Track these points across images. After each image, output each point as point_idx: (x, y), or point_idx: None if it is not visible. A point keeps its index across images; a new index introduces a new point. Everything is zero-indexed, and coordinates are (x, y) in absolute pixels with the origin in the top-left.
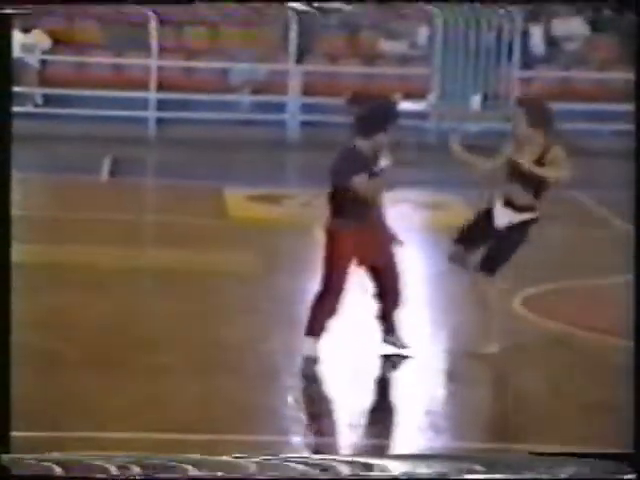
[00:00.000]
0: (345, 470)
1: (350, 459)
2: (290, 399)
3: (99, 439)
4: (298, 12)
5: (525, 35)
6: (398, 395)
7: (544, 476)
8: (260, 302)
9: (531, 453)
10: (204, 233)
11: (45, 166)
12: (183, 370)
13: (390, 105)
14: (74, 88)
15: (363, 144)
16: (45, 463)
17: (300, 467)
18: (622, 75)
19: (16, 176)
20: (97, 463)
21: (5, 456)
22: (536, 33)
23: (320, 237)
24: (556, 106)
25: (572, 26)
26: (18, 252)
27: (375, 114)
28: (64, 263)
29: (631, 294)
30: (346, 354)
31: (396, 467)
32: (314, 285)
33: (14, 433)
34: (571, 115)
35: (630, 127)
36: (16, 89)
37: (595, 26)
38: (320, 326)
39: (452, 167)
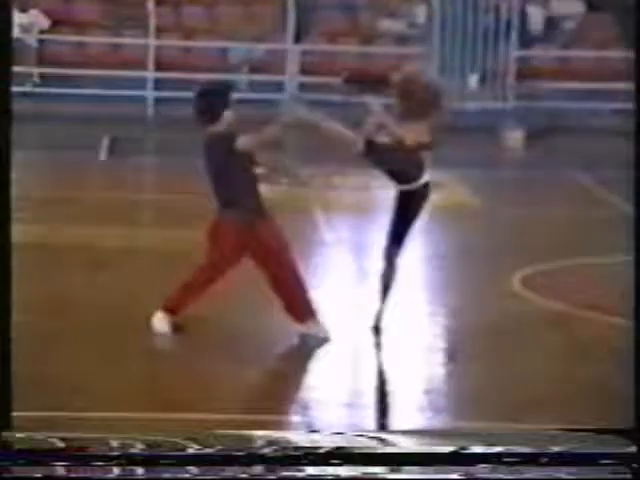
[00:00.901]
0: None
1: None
2: (288, 379)
3: (99, 419)
4: None
5: (523, 14)
6: (396, 374)
7: (544, 450)
8: (256, 281)
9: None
10: (203, 212)
11: (43, 145)
12: (183, 351)
13: (219, 82)
14: (72, 67)
15: (216, 131)
16: (49, 439)
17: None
18: (620, 53)
19: (14, 155)
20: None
21: (6, 433)
22: (534, 12)
23: (319, 216)
24: (554, 85)
25: (569, 5)
26: (15, 232)
27: (210, 98)
28: (62, 243)
29: (631, 273)
30: (341, 335)
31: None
32: (313, 264)
33: (15, 413)
34: (569, 94)
35: (629, 105)
36: (14, 68)
37: (592, 4)
38: (183, 305)
39: (450, 147)
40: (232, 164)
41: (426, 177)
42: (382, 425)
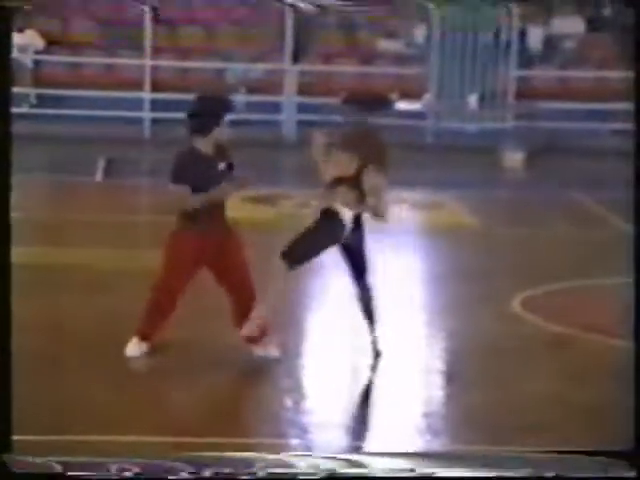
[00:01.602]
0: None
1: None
2: (286, 401)
3: (99, 442)
4: (295, 11)
5: (522, 34)
6: (393, 396)
7: (545, 474)
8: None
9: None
10: None
11: (39, 167)
12: (183, 371)
13: (220, 97)
14: (68, 88)
15: (201, 143)
16: (47, 462)
17: (300, 464)
18: (619, 74)
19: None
20: (98, 463)
21: (6, 456)
22: (533, 32)
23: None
24: (553, 105)
25: (569, 25)
26: (13, 254)
27: (206, 108)
28: (59, 265)
29: (631, 295)
30: (339, 354)
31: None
32: (310, 285)
33: (15, 437)
34: (568, 114)
35: (628, 126)
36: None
37: (592, 25)
38: (152, 327)
39: (449, 167)
40: (198, 181)
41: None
42: (378, 448)
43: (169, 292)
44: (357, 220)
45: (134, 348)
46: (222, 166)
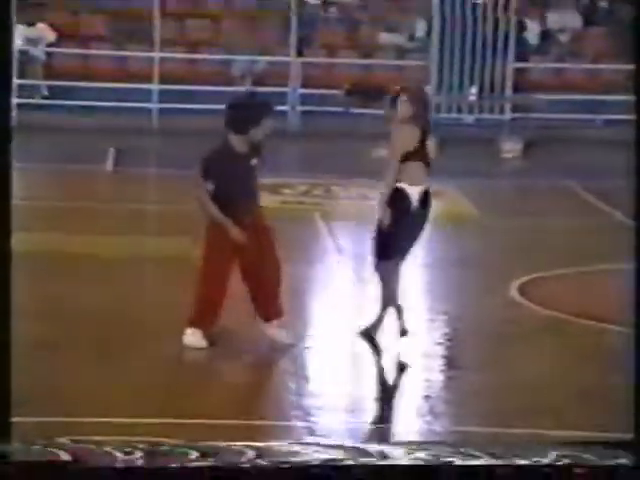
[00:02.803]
0: (343, 456)
1: (350, 445)
2: (290, 385)
3: (101, 424)
4: (299, 4)
5: (520, 27)
6: (396, 381)
7: (543, 460)
8: None
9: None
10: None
11: (51, 157)
12: (185, 358)
13: (261, 103)
14: (79, 80)
15: (237, 140)
16: (50, 449)
17: (298, 451)
18: (615, 66)
19: (23, 166)
20: (103, 449)
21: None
22: (530, 25)
23: (319, 225)
24: (550, 97)
25: (566, 18)
26: (23, 241)
27: (249, 109)
28: (69, 252)
29: (632, 282)
30: (340, 341)
31: (396, 454)
32: (316, 273)
33: (14, 419)
34: (564, 106)
35: (622, 116)
36: (22, 81)
37: (588, 18)
38: (204, 316)
39: (448, 157)
40: (233, 174)
41: None
42: (382, 431)
43: (215, 281)
44: (425, 198)
45: (191, 338)
46: (254, 162)
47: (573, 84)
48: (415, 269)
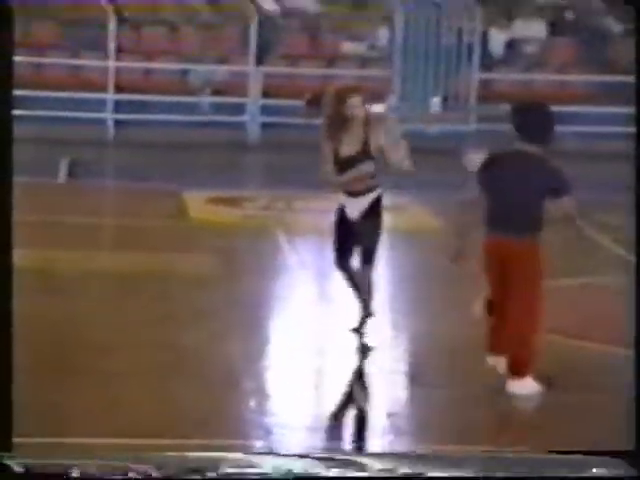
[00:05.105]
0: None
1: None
2: (250, 403)
3: (55, 445)
4: (259, 13)
5: (485, 37)
6: (358, 397)
7: (545, 474)
8: (219, 305)
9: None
10: (163, 236)
11: None
12: (140, 375)
13: (549, 112)
14: (31, 89)
15: (529, 148)
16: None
17: (268, 464)
18: (581, 77)
19: None
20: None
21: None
22: (495, 35)
23: (281, 239)
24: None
25: (532, 29)
26: None
27: (541, 120)
28: (20, 267)
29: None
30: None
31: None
32: (275, 288)
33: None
34: None
35: (589, 129)
36: None
37: (554, 29)
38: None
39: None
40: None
41: None
42: (343, 447)
43: (496, 305)
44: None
45: (525, 388)
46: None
47: (541, 95)
48: (378, 284)
